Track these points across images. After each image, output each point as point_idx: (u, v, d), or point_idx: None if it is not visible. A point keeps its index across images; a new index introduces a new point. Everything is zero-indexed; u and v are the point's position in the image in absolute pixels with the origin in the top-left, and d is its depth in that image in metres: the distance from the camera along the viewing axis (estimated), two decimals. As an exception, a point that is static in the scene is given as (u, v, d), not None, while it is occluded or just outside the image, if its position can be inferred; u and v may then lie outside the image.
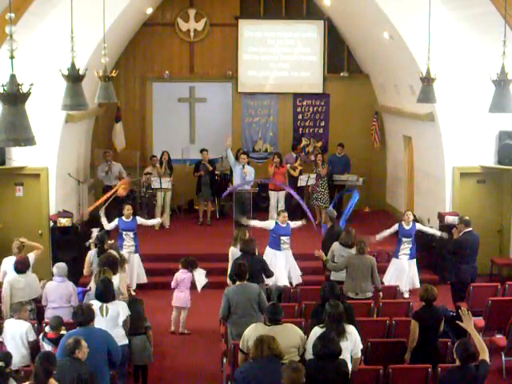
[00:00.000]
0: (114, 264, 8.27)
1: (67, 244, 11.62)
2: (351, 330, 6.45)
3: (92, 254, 9.42)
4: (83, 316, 6.46)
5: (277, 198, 14.28)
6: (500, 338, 8.56)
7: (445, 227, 11.98)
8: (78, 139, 13.72)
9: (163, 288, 10.80)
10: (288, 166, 14.68)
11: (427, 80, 8.89)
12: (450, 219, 12.03)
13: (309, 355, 6.22)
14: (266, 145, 16.56)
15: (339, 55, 16.30)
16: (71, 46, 7.02)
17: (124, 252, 10.29)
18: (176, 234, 13.96)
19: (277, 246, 10.48)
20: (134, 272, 10.84)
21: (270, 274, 9.21)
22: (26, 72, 6.44)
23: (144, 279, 11.06)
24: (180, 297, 9.74)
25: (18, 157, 11.60)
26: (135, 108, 16.22)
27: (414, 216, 11.59)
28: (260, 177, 15.35)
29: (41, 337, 7.40)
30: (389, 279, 10.86)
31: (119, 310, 7.25)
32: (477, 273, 10.23)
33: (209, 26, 15.98)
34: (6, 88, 4.31)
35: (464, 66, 11.86)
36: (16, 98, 4.34)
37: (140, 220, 11.20)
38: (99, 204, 12.09)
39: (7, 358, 6.00)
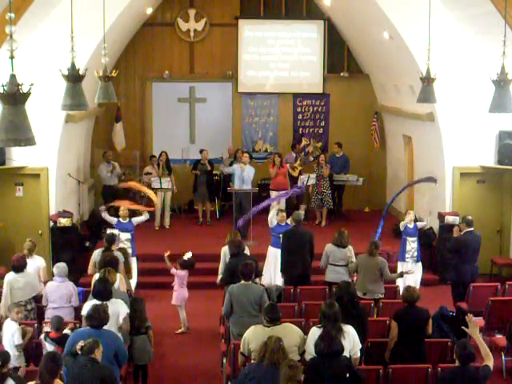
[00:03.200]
0: (112, 264, 8.27)
1: (67, 244, 11.63)
2: (349, 329, 6.44)
3: (96, 254, 9.43)
4: (98, 320, 6.44)
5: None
6: (500, 338, 8.55)
7: (445, 227, 12.00)
8: (78, 139, 13.73)
9: (163, 288, 10.80)
10: (288, 165, 14.68)
11: (427, 80, 8.89)
12: (450, 219, 12.03)
13: (308, 355, 6.23)
14: (266, 145, 16.55)
15: (339, 55, 16.29)
16: (71, 46, 7.02)
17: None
18: (176, 234, 13.96)
19: (278, 244, 10.51)
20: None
21: (258, 274, 9.19)
22: (26, 72, 6.44)
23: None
24: (183, 295, 9.79)
25: (18, 157, 11.60)
26: (135, 108, 16.22)
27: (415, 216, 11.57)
28: (260, 177, 15.38)
29: (42, 337, 7.41)
30: (401, 285, 10.78)
31: (119, 309, 7.26)
32: (478, 273, 10.21)
33: (209, 26, 15.98)
34: (5, 88, 4.31)
35: (464, 65, 11.86)
36: (16, 97, 4.34)
37: (135, 220, 11.13)
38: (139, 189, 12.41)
39: (4, 357, 5.99)
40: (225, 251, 9.76)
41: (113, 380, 5.89)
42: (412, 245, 10.78)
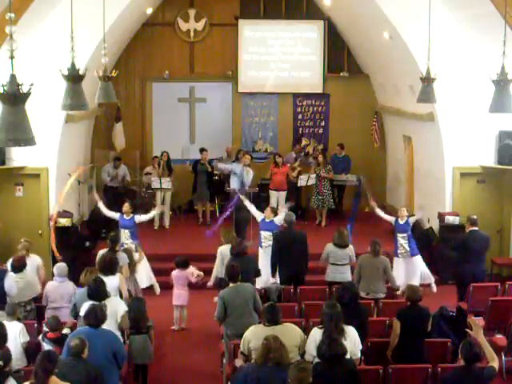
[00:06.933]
0: (110, 264, 8.25)
1: (67, 244, 11.62)
2: (349, 330, 6.44)
3: (100, 254, 9.42)
4: (95, 319, 6.43)
5: (277, 198, 14.26)
6: (500, 338, 8.55)
7: (445, 227, 12.01)
8: (78, 139, 13.72)
9: (163, 288, 10.79)
10: (289, 165, 14.67)
11: (427, 80, 8.89)
12: (450, 219, 12.03)
13: (309, 356, 6.22)
14: (266, 145, 16.56)
15: (339, 55, 16.29)
16: (71, 46, 7.02)
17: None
18: (176, 234, 13.96)
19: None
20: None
21: (258, 274, 9.19)
22: (26, 72, 6.43)
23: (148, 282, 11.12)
24: (178, 295, 9.80)
25: (18, 157, 11.59)
26: (135, 108, 16.22)
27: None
28: (260, 177, 15.36)
29: (41, 337, 7.39)
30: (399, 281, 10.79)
31: (116, 307, 7.25)
32: (484, 274, 10.16)
33: (209, 26, 15.98)
34: (5, 88, 4.32)
35: (464, 65, 11.86)
36: (16, 97, 4.34)
37: (138, 218, 11.17)
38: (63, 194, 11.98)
39: (6, 356, 5.99)
40: (221, 251, 9.72)
41: (101, 378, 5.87)
42: (401, 241, 10.94)
